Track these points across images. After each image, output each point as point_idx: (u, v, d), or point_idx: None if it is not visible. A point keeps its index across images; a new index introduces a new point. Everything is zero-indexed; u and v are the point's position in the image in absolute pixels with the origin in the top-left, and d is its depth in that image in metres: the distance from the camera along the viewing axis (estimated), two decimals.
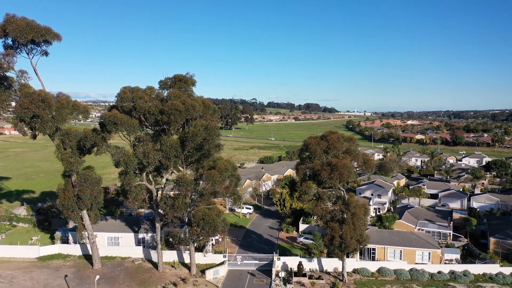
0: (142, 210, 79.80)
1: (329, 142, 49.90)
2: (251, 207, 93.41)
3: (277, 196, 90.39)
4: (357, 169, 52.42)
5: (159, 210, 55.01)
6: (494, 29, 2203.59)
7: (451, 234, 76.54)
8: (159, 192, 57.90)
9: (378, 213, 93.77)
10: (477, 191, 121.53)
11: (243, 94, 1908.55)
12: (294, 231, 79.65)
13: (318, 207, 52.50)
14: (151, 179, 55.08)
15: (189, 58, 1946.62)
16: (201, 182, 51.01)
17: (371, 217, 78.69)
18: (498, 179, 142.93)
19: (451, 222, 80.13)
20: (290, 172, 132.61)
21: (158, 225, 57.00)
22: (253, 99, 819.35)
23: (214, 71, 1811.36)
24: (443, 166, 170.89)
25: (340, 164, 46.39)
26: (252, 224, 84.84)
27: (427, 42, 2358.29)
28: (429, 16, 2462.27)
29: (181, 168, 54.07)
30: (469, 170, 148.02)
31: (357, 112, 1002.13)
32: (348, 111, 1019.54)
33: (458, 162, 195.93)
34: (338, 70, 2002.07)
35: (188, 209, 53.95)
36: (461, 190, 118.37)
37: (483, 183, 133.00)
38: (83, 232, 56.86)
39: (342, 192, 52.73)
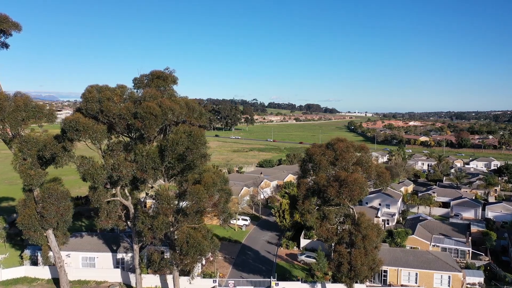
0: None
1: (337, 152, 41.85)
2: (247, 218, 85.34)
3: (276, 207, 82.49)
4: (370, 183, 44.21)
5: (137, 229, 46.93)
6: (494, 29, 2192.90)
7: (470, 252, 68.43)
8: (142, 206, 49.81)
9: (387, 224, 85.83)
10: (491, 199, 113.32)
11: (244, 94, 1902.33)
12: (295, 247, 71.61)
13: (323, 227, 44.46)
14: (127, 194, 47.07)
15: (189, 58, 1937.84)
16: (184, 198, 42.96)
17: None
18: (510, 185, 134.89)
19: (470, 237, 72.04)
20: (291, 177, 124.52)
21: (136, 247, 49.05)
22: (253, 99, 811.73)
23: (215, 71, 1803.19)
24: (452, 171, 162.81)
25: (350, 179, 38.38)
26: (249, 238, 76.77)
27: (429, 42, 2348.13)
28: (429, 16, 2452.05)
29: (162, 181, 46.05)
30: (479, 175, 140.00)
31: (358, 112, 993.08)
32: (349, 112, 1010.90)
33: (466, 166, 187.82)
34: (339, 71, 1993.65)
35: (171, 228, 46.00)
36: (473, 198, 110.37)
37: (496, 189, 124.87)
38: (49, 255, 48.88)
39: (351, 210, 44.70)
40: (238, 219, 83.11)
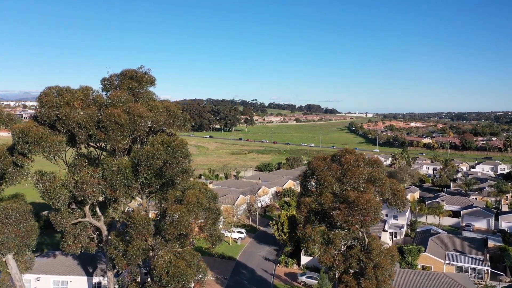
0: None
1: (345, 167, 35.13)
2: (243, 231, 78.55)
3: (275, 216, 75.85)
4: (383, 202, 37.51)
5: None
6: (494, 29, 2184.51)
7: (489, 271, 61.73)
8: (118, 227, 43.10)
9: (395, 238, 79.14)
10: (503, 207, 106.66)
11: (244, 94, 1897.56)
12: (295, 265, 64.92)
13: (328, 254, 37.75)
14: (99, 213, 40.37)
15: (189, 58, 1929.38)
16: (165, 219, 36.31)
17: None
18: None
19: (487, 254, 65.27)
20: (291, 183, 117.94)
21: (110, 274, 42.38)
22: (254, 100, 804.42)
23: (215, 71, 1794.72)
24: (458, 175, 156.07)
25: (361, 201, 31.72)
26: (244, 254, 70.05)
27: (429, 42, 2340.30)
28: (429, 16, 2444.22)
29: (139, 199, 39.42)
30: (488, 181, 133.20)
31: (358, 113, 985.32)
32: (349, 112, 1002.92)
33: (472, 169, 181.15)
34: (339, 71, 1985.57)
35: (151, 253, 39.41)
36: (485, 206, 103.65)
37: (507, 196, 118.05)
38: (8, 283, 42.16)
39: (361, 233, 38.01)
40: (233, 232, 76.43)
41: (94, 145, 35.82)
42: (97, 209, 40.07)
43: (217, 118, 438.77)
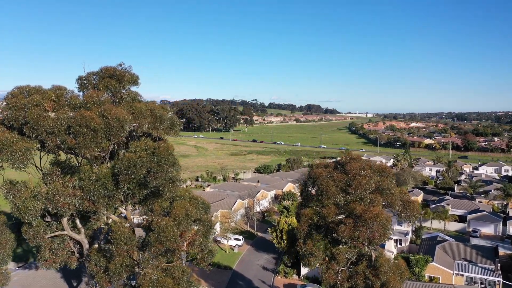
0: None
1: (350, 175, 31.52)
2: (240, 237, 74.86)
3: (274, 221, 72.21)
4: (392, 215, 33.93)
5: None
6: (494, 29, 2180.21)
7: (501, 283, 58.11)
8: (99, 241, 39.51)
9: (399, 245, 75.48)
10: (511, 212, 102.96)
11: (245, 95, 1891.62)
12: (294, 275, 61.30)
13: (330, 271, 34.18)
14: (79, 225, 36.76)
15: (189, 58, 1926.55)
16: (150, 234, 32.73)
17: (394, 259, 60.12)
18: None
19: (499, 264, 61.63)
20: (290, 186, 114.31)
21: None
22: (254, 100, 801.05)
23: (215, 72, 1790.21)
24: (462, 177, 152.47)
25: (369, 215, 28.15)
26: (241, 263, 66.43)
27: (429, 42, 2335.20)
28: (430, 16, 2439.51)
29: (123, 210, 35.87)
30: (493, 183, 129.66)
31: (358, 113, 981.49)
32: (349, 112, 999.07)
33: (475, 171, 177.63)
34: (339, 71, 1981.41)
35: (136, 269, 35.85)
36: (491, 210, 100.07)
37: None
38: None
39: (367, 248, 34.42)
40: (230, 239, 72.79)
41: (69, 152, 32.17)
42: (77, 221, 36.46)
43: (217, 118, 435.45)
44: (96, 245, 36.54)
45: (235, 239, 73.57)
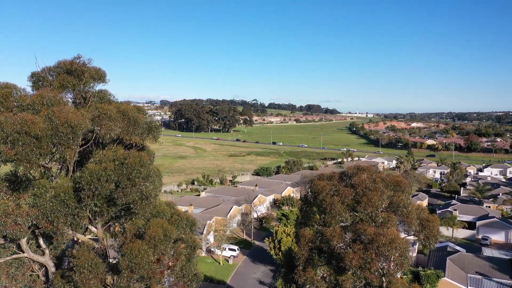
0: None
1: (358, 190, 26.45)
2: (235, 248, 69.74)
3: (272, 228, 67.20)
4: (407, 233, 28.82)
5: None
6: (494, 29, 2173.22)
7: None
8: (65, 263, 34.42)
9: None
10: None
11: (244, 95, 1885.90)
12: None
13: None
14: (43, 245, 31.68)
15: (189, 58, 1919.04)
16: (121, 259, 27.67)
17: (403, 276, 55.09)
18: None
19: None
20: (290, 190, 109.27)
21: None
22: (254, 100, 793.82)
23: (215, 72, 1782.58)
24: (467, 179, 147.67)
25: (383, 240, 23.12)
26: (236, 276, 61.39)
27: (429, 42, 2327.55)
28: (430, 16, 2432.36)
29: (93, 228, 30.79)
30: (500, 186, 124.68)
31: (359, 113, 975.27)
32: (350, 112, 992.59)
33: (480, 173, 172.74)
34: (339, 71, 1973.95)
35: None
36: (501, 216, 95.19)
37: None
38: None
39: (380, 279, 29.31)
40: (224, 249, 67.75)
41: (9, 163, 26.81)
42: (41, 241, 31.36)
43: (216, 118, 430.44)
44: (60, 270, 31.46)
45: (230, 249, 68.53)
